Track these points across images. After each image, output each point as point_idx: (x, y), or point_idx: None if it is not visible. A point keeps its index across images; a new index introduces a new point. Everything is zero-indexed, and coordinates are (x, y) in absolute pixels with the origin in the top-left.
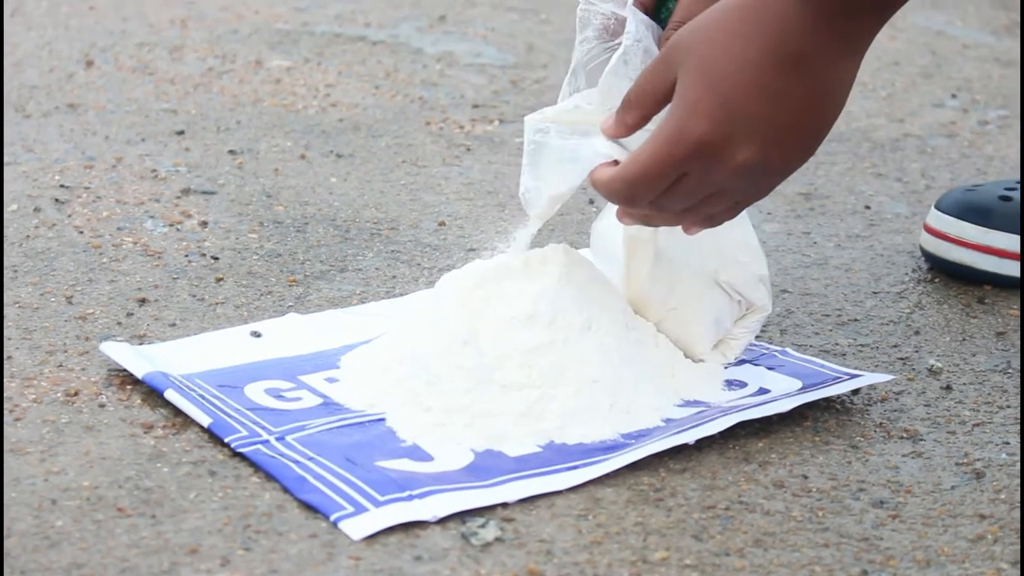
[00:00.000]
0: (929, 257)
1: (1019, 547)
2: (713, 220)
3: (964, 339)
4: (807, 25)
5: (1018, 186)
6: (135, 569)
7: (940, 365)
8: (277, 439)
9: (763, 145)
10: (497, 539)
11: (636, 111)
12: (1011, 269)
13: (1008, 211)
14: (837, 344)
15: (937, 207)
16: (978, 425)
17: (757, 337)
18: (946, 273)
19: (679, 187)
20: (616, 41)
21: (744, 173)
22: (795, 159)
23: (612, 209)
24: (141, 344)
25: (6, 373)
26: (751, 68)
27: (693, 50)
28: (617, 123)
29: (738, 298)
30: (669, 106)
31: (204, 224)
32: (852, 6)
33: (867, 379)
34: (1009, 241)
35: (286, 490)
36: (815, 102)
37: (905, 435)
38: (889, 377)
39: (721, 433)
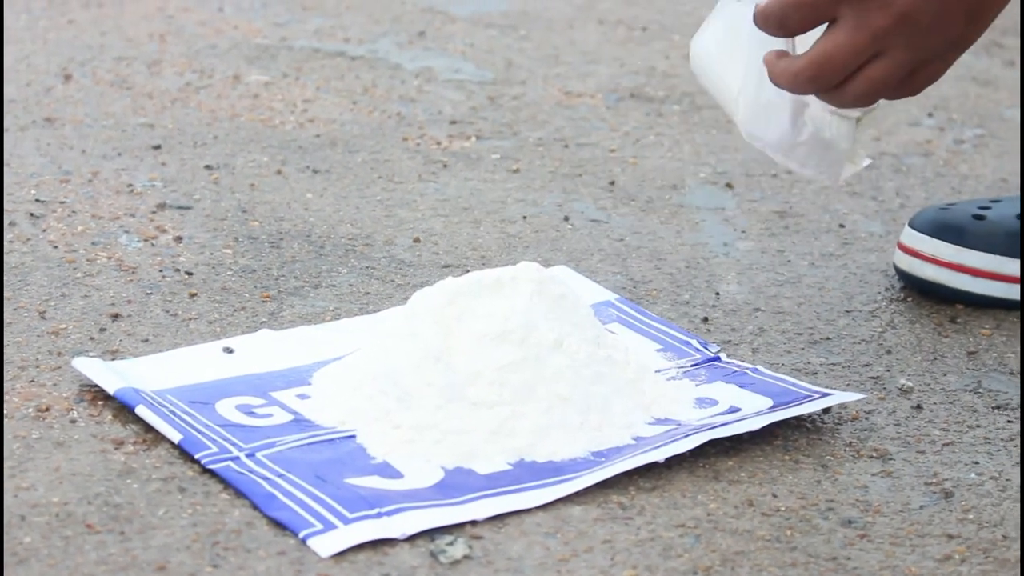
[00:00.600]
0: (902, 275)
1: (986, 567)
2: (913, 91)
3: (935, 358)
4: None
5: (992, 205)
6: None
7: (911, 384)
8: (247, 456)
9: (967, 21)
10: (466, 557)
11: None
12: (984, 288)
13: (981, 230)
14: (809, 363)
15: (911, 225)
16: (948, 445)
17: (729, 355)
18: (919, 291)
19: (877, 62)
20: None
21: (952, 44)
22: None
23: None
24: (114, 360)
25: None
26: None
27: None
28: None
29: None
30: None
31: (179, 239)
32: None
33: (838, 398)
34: (982, 260)
35: (255, 507)
36: None
37: (875, 454)
38: (860, 396)
39: (691, 451)
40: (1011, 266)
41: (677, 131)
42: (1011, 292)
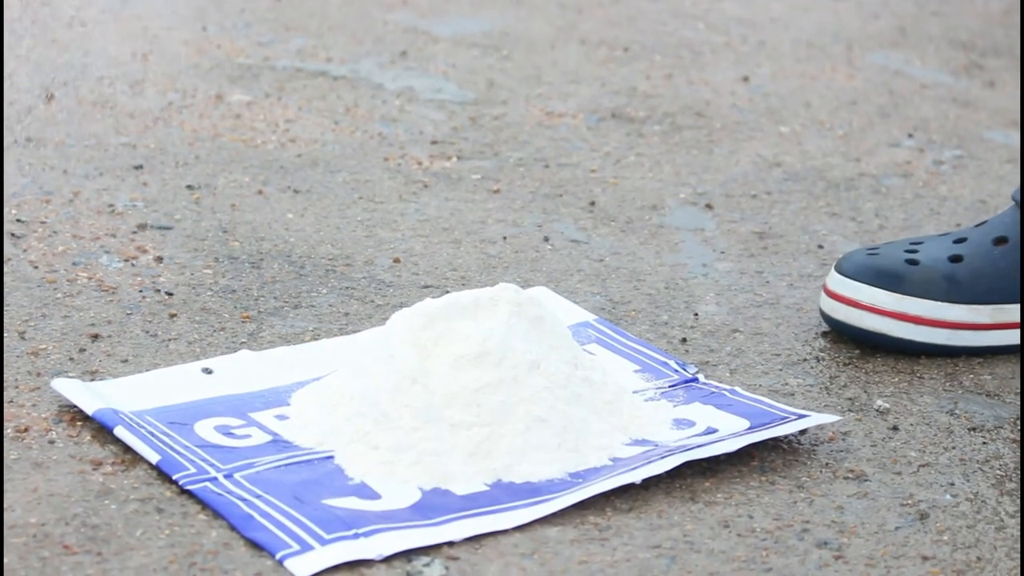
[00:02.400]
0: (836, 324)
1: None
2: None
3: (912, 380)
4: None
5: (917, 247)
6: None
7: (887, 405)
8: (225, 476)
9: None
10: None
11: None
12: (926, 336)
13: (919, 276)
14: (786, 384)
15: (841, 272)
16: (924, 466)
17: (707, 376)
18: (851, 340)
19: None
20: None
21: None
22: None
23: None
24: (93, 380)
25: None
26: None
27: None
28: None
29: None
30: None
31: (159, 259)
32: None
33: (815, 419)
34: (923, 307)
35: (233, 528)
36: None
37: (851, 475)
38: (836, 418)
39: (668, 472)
40: (952, 312)
41: (657, 151)
42: (953, 338)
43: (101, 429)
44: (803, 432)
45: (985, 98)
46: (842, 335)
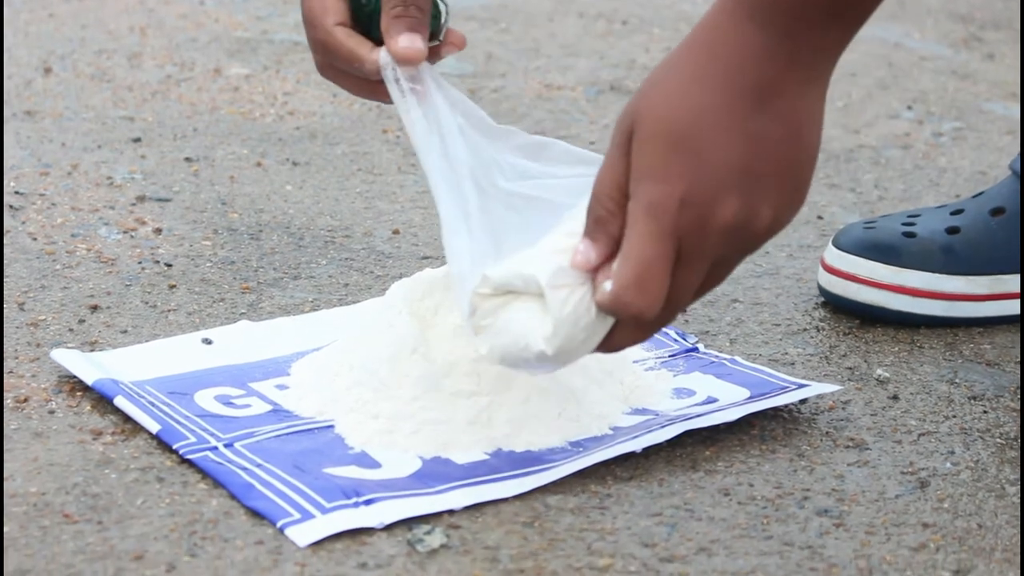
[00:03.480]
0: (833, 298)
1: (961, 555)
2: (698, 297)
3: (912, 349)
4: (766, 54)
5: (914, 220)
6: (80, 575)
7: (888, 375)
8: (225, 446)
9: (748, 196)
10: (443, 546)
11: (617, 215)
12: (925, 308)
13: (916, 248)
14: (786, 353)
15: (838, 246)
16: (924, 434)
17: (706, 346)
18: (848, 313)
19: (679, 271)
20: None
21: (734, 233)
22: (786, 208)
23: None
24: (92, 351)
25: None
26: (715, 112)
27: (647, 114)
28: (601, 242)
29: None
30: (632, 187)
31: (158, 231)
32: (810, 28)
33: (815, 389)
34: (921, 280)
35: (233, 497)
36: (792, 141)
37: (851, 444)
38: (837, 388)
39: (668, 441)
40: (950, 284)
41: None
42: (951, 310)
43: (101, 399)
44: (803, 401)
45: (984, 70)
46: (840, 308)
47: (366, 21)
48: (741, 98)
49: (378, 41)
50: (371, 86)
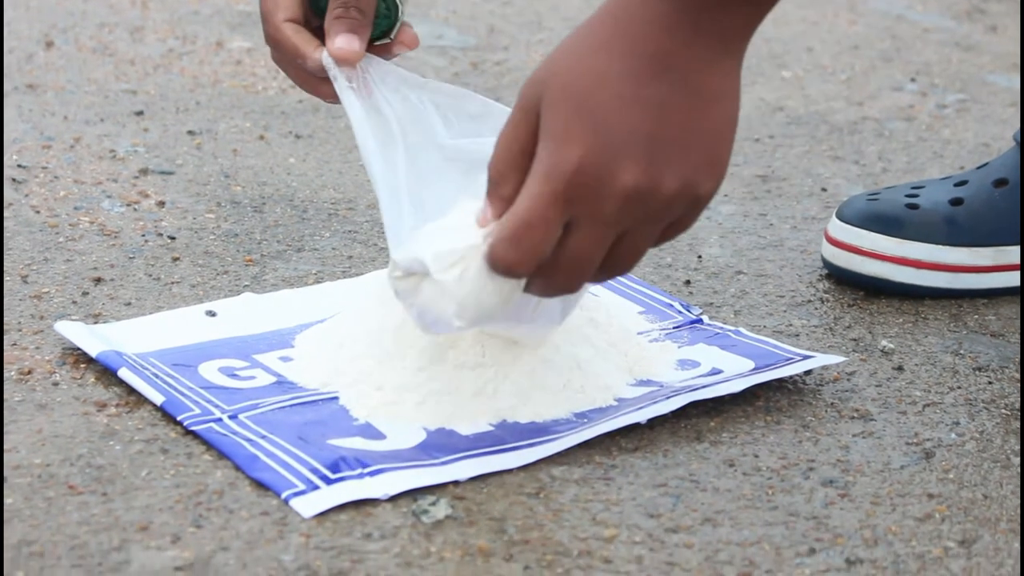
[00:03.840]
0: (837, 271)
1: (966, 526)
2: (618, 268)
3: (917, 320)
4: (670, 23)
5: (918, 192)
6: (85, 546)
7: (892, 346)
8: (230, 417)
9: (648, 163)
10: (448, 517)
11: (510, 177)
12: (929, 280)
13: (918, 220)
14: (791, 325)
15: (842, 218)
16: (929, 405)
17: (711, 317)
18: (853, 286)
19: (573, 235)
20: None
21: (635, 200)
22: (699, 178)
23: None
24: (96, 323)
25: None
26: (617, 79)
27: (552, 79)
28: (494, 203)
29: None
30: (537, 149)
31: (161, 204)
32: (717, 4)
33: (819, 360)
34: (924, 251)
35: (238, 468)
36: (699, 111)
37: (856, 415)
38: (841, 359)
39: (673, 412)
40: (953, 255)
41: None
42: (955, 282)
43: (105, 371)
44: (808, 372)
45: (987, 42)
46: (844, 281)
47: (322, 16)
48: (643, 66)
49: None
50: (315, 82)
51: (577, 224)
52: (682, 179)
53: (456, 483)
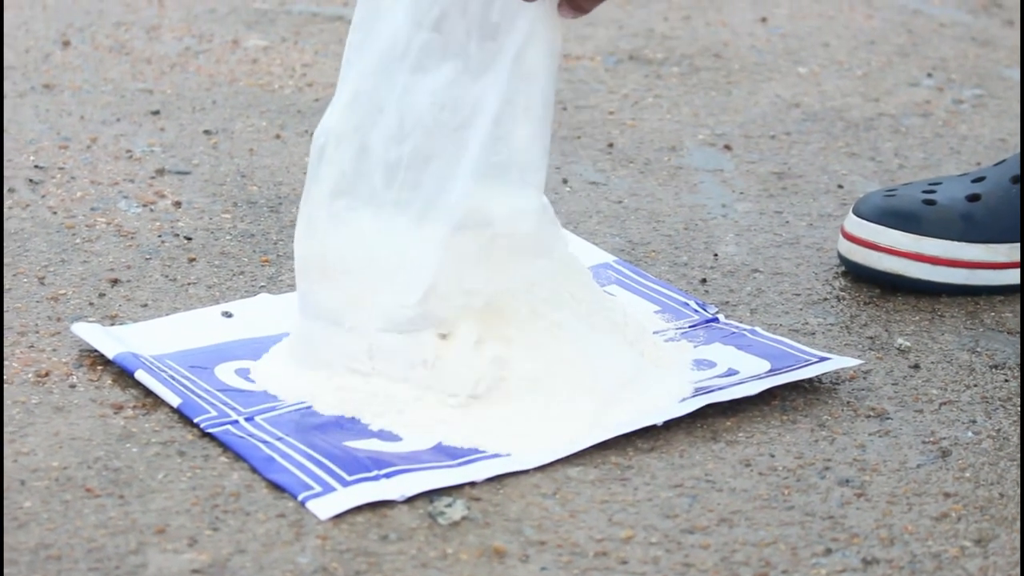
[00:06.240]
0: (853, 267)
1: (983, 525)
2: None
3: (933, 318)
4: None
5: (935, 188)
6: (102, 549)
7: (909, 344)
8: (246, 419)
9: None
10: (464, 518)
11: None
12: (944, 276)
13: (935, 216)
14: (807, 323)
15: (859, 214)
16: (945, 404)
17: (727, 316)
18: (868, 281)
19: None
20: None
21: None
22: None
23: None
24: (113, 325)
25: None
26: None
27: None
28: None
29: None
30: None
31: (178, 204)
32: None
33: (835, 363)
34: (941, 248)
35: (254, 470)
36: None
37: (872, 414)
38: (858, 362)
39: (689, 412)
40: (970, 251)
41: (676, 93)
42: (971, 278)
43: (122, 373)
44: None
45: (1004, 37)
46: (861, 277)
47: None
48: None
49: None
50: None
51: None
52: None
53: (472, 484)
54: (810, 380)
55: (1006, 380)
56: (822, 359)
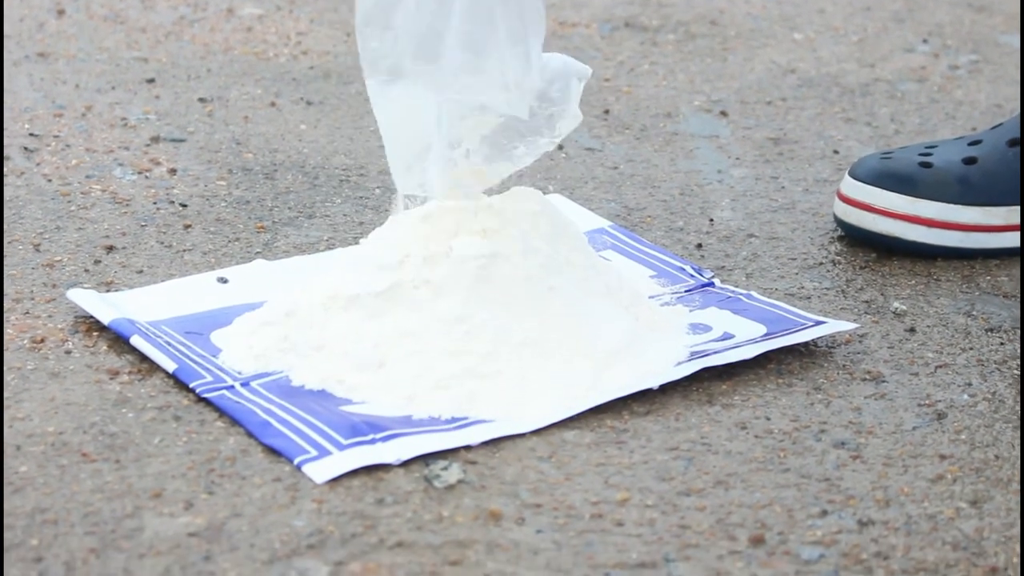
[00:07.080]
0: (849, 228)
1: (978, 486)
2: None
3: (929, 282)
4: None
5: (931, 151)
6: (98, 513)
7: (904, 308)
8: (242, 384)
9: None
10: (460, 481)
11: None
12: (939, 238)
13: (931, 179)
14: (803, 287)
15: (855, 176)
16: (941, 367)
17: (723, 281)
18: (864, 243)
19: None
20: None
21: None
22: None
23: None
24: (108, 291)
25: None
26: None
27: None
28: None
29: None
30: None
31: (173, 171)
32: None
33: (831, 327)
34: (937, 210)
35: (250, 435)
36: None
37: (868, 377)
38: (853, 326)
39: (685, 376)
40: (965, 214)
41: (671, 60)
42: (967, 241)
43: (117, 339)
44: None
45: (1000, 2)
46: (856, 239)
47: None
48: None
49: None
50: None
51: None
52: None
53: (468, 447)
54: (806, 344)
55: (1001, 343)
56: (818, 323)
